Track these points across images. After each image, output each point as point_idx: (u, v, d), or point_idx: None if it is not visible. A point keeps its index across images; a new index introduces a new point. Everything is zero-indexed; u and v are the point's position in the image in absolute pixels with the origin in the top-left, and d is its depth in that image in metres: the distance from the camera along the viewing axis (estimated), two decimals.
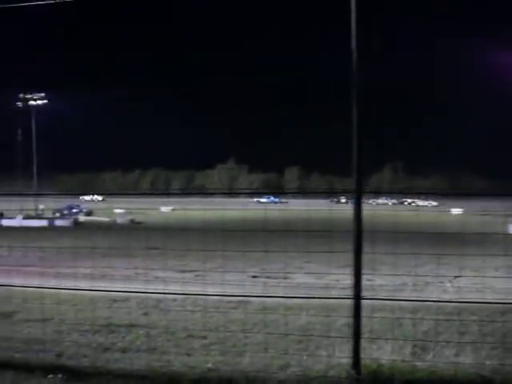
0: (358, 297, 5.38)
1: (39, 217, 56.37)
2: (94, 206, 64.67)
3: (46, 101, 64.93)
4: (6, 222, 44.75)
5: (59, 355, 6.04)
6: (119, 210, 60.64)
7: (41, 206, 62.01)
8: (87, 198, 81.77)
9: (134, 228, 42.20)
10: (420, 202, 76.14)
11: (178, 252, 15.31)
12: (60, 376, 5.31)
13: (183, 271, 18.01)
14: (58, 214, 60.03)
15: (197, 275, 16.70)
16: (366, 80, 5.30)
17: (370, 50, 5.41)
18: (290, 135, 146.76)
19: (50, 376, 5.31)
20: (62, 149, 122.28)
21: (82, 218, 57.43)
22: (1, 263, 12.74)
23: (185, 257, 17.44)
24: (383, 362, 5.50)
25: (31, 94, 63.70)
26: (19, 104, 62.89)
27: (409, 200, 78.31)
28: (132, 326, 7.46)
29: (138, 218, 52.07)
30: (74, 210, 62.31)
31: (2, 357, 5.92)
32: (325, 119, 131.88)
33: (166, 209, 69.46)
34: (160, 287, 10.74)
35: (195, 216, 26.01)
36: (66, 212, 61.92)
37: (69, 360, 5.85)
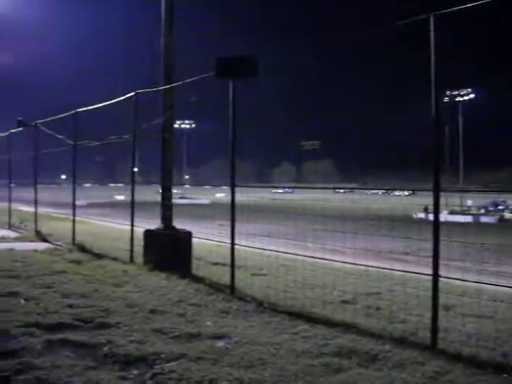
0: None
1: (464, 212, 56.43)
2: None
3: (472, 95, 65.35)
4: (430, 217, 45.82)
5: (505, 355, 5.90)
6: None
7: (469, 202, 62.03)
8: None
9: None
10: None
11: None
12: None
13: None
14: (482, 211, 59.16)
15: None
16: None
17: None
18: None
19: (504, 375, 5.20)
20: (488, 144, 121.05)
21: (508, 214, 55.30)
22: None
23: None
24: None
25: (458, 90, 64.93)
26: (447, 100, 64.50)
27: None
28: None
29: None
30: (500, 207, 60.46)
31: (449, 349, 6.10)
32: None
33: None
34: None
35: None
36: (491, 208, 60.60)
37: None
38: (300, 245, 13.84)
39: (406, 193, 79.94)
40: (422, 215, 30.18)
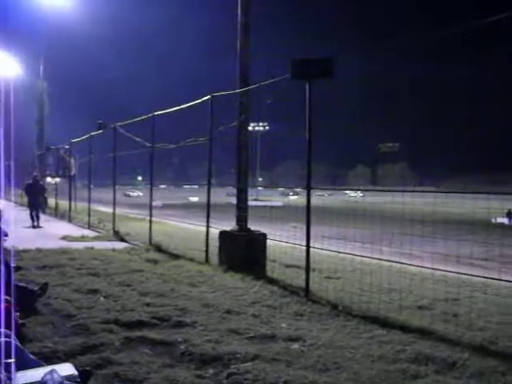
0: None
1: None
2: None
3: None
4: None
5: None
6: None
7: None
8: None
9: None
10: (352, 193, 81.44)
11: None
12: None
13: None
14: None
15: None
16: None
17: None
18: None
19: None
20: None
21: None
22: None
23: None
24: None
25: None
26: None
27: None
28: None
29: None
30: None
31: None
32: None
33: None
34: None
35: None
36: None
37: None
38: (375, 248, 13.63)
39: (361, 194, 73.81)
40: (504, 220, 29.08)
